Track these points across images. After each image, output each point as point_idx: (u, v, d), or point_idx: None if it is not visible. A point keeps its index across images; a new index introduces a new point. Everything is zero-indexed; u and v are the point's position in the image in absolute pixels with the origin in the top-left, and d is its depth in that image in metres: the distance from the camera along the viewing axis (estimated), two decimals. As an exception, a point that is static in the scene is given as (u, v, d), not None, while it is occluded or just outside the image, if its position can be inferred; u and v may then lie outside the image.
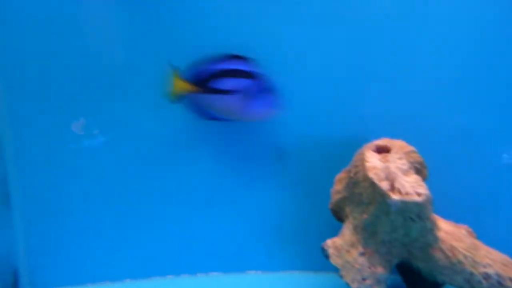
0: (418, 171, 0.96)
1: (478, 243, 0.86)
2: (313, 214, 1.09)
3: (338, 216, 0.97)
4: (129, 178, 1.11)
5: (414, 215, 0.78)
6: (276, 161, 1.12)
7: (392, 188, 0.77)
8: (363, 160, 0.83)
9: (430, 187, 0.90)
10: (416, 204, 0.75)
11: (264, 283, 1.11)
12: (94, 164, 1.09)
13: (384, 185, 0.77)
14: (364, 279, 0.83)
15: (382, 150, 0.85)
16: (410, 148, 0.96)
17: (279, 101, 0.97)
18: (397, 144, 0.95)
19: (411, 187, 0.76)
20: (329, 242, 0.92)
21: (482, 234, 0.93)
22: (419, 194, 0.75)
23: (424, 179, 0.98)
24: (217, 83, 0.96)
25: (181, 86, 0.97)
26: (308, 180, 1.11)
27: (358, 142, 0.95)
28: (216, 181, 1.14)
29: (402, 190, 0.76)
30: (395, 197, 0.76)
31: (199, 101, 0.99)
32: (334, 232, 0.93)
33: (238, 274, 1.15)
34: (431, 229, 0.81)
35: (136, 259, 1.17)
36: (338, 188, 0.96)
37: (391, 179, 0.77)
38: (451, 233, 0.84)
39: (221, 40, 1.01)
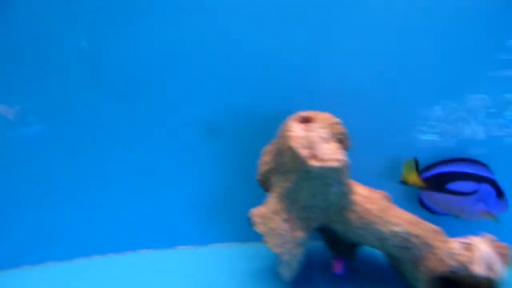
0: (341, 142, 1.01)
1: (390, 205, 0.94)
2: (242, 186, 1.11)
3: (266, 187, 1.00)
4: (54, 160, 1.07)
5: (332, 180, 0.83)
6: (205, 135, 1.11)
7: (312, 155, 0.81)
8: (286, 130, 0.86)
9: (355, 156, 0.98)
10: (334, 169, 0.80)
11: (194, 257, 1.11)
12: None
13: (305, 153, 0.81)
14: (285, 243, 0.87)
15: (306, 121, 0.89)
16: (335, 120, 1.01)
17: (507, 205, 1.07)
18: (322, 116, 0.99)
19: (330, 154, 0.81)
20: (254, 211, 0.95)
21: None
22: (337, 160, 0.80)
23: (347, 149, 1.05)
24: (453, 184, 1.09)
25: (414, 179, 1.10)
26: (237, 153, 1.12)
27: (286, 115, 0.98)
28: (144, 159, 1.11)
29: (322, 157, 0.80)
30: (314, 163, 0.80)
31: (428, 196, 1.11)
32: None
33: (168, 250, 1.15)
34: (347, 193, 0.87)
35: (59, 240, 1.11)
36: (265, 159, 0.99)
37: (311, 147, 0.81)
38: (365, 197, 0.91)
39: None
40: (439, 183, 1.10)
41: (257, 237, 0.92)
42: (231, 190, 1.14)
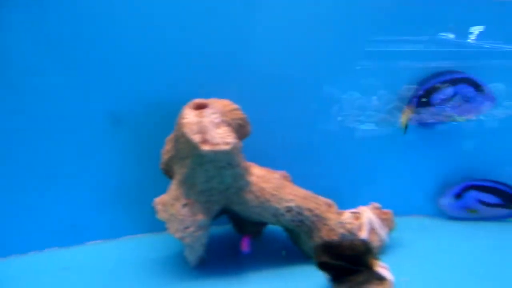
0: (241, 127, 1.07)
1: (286, 183, 1.01)
2: (149, 176, 1.11)
3: (170, 175, 1.02)
4: None
5: (225, 163, 0.87)
6: (109, 126, 1.10)
7: (204, 140, 0.84)
8: (181, 117, 0.89)
9: (257, 142, 1.05)
10: (225, 152, 0.84)
11: (103, 251, 1.10)
12: None
13: (196, 138, 0.84)
14: (186, 228, 0.91)
15: (201, 108, 0.92)
16: (234, 106, 1.05)
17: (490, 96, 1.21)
18: (221, 103, 1.03)
19: (221, 138, 0.85)
20: (157, 199, 0.96)
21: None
22: (226, 144, 0.85)
23: (247, 134, 1.10)
24: (435, 96, 1.22)
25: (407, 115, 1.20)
26: (142, 143, 1.12)
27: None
28: (46, 152, 1.07)
29: (212, 141, 0.84)
30: (205, 147, 0.83)
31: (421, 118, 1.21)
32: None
33: (76, 246, 1.12)
34: (243, 174, 0.92)
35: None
36: (167, 148, 1.01)
37: (203, 132, 0.85)
38: (261, 177, 0.97)
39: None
40: (425, 102, 1.21)
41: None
42: (139, 181, 1.14)
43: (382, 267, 0.86)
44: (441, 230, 1.21)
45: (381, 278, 0.84)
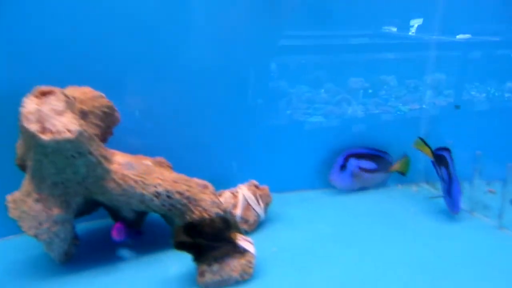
0: (108, 115, 1.02)
1: (154, 169, 0.99)
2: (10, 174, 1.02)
3: (25, 169, 0.94)
4: None
5: (73, 152, 0.82)
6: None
7: (43, 129, 0.78)
8: (20, 106, 0.82)
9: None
10: (69, 140, 0.79)
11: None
12: None
13: (34, 127, 0.78)
14: (40, 224, 0.85)
15: (46, 95, 0.85)
16: (96, 93, 1.00)
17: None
18: (79, 90, 0.97)
19: (63, 125, 0.80)
20: (9, 197, 0.89)
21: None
22: (69, 131, 0.80)
23: (116, 121, 1.06)
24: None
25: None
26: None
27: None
28: None
29: (53, 130, 0.79)
30: (44, 136, 0.78)
31: None
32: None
33: None
34: (99, 162, 0.87)
35: None
36: (20, 141, 0.93)
37: (42, 121, 0.79)
38: (125, 164, 0.94)
39: None
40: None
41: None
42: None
43: (244, 241, 0.88)
44: (319, 202, 1.27)
45: (243, 251, 0.86)
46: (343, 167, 1.33)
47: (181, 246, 0.82)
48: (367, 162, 1.35)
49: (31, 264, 0.95)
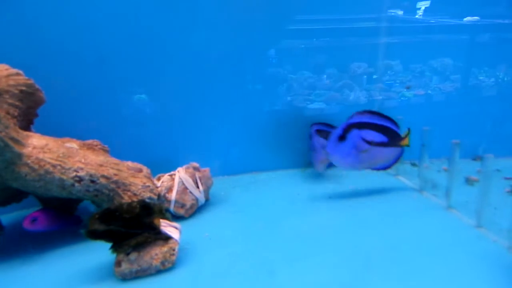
0: (29, 94, 0.94)
1: (77, 152, 0.91)
2: None
3: None
4: None
5: (-28, 135, 0.75)
6: None
7: None
8: None
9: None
10: (-38, 122, 0.72)
11: None
12: None
13: None
14: None
15: None
16: (12, 71, 0.91)
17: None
18: (-7, 67, 0.89)
19: (-45, 105, 0.72)
20: None
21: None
22: (-38, 112, 0.72)
23: (41, 101, 0.97)
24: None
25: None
26: None
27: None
28: None
29: None
30: None
31: None
32: None
33: None
34: (6, 145, 0.80)
35: None
36: None
37: None
38: (41, 147, 0.86)
39: None
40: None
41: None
42: None
43: (169, 226, 0.82)
44: (272, 185, 1.22)
45: (165, 238, 0.80)
46: (342, 138, 1.05)
47: (94, 234, 0.76)
48: (375, 133, 1.07)
49: None
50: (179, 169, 1.05)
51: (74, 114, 1.10)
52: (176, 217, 0.99)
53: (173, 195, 0.99)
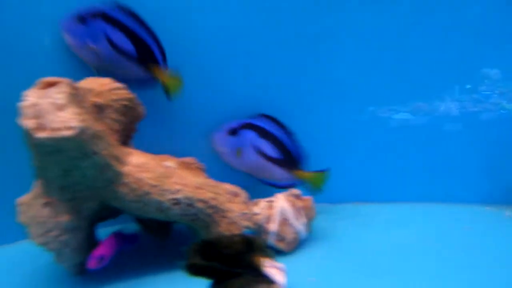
0: (130, 109, 0.91)
1: (175, 171, 0.85)
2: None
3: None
4: None
5: (76, 153, 0.71)
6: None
7: (40, 125, 0.68)
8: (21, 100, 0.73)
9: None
10: (68, 139, 0.68)
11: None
12: None
13: (30, 124, 0.68)
14: (48, 232, 0.76)
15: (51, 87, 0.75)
16: (115, 85, 0.89)
17: None
18: (97, 82, 0.87)
19: (62, 122, 0.69)
20: (19, 200, 0.81)
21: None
22: (69, 128, 0.68)
23: (140, 116, 0.94)
24: None
25: None
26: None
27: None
28: None
29: (51, 126, 0.68)
30: (40, 134, 0.67)
31: None
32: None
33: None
34: (108, 164, 0.76)
35: None
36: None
37: (39, 116, 0.69)
38: (139, 166, 0.81)
39: None
40: None
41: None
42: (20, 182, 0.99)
43: (272, 268, 0.70)
44: (372, 218, 1.04)
45: (269, 282, 0.68)
46: (233, 132, 0.99)
47: (194, 270, 0.67)
48: (270, 146, 0.98)
49: (42, 275, 0.88)
50: (279, 195, 0.93)
51: (169, 129, 1.05)
52: (275, 252, 0.87)
53: (273, 227, 0.87)
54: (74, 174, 0.75)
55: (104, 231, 1.01)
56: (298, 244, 0.90)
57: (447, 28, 1.09)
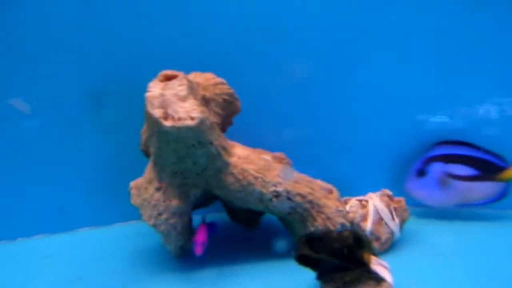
0: (229, 103, 0.95)
1: (275, 165, 0.88)
2: (136, 160, 1.04)
3: (148, 155, 0.93)
4: None
5: (193, 141, 0.76)
6: (90, 107, 1.04)
7: (166, 115, 0.74)
8: (146, 91, 0.79)
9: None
10: (190, 128, 0.73)
11: (90, 239, 1.05)
12: None
13: (157, 113, 0.74)
14: (160, 214, 0.81)
15: (170, 79, 0.81)
16: (218, 79, 0.93)
17: None
18: (203, 76, 0.92)
19: (185, 112, 0.74)
20: (132, 183, 0.88)
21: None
22: (192, 118, 0.73)
23: (237, 111, 0.98)
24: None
25: None
26: (126, 125, 1.04)
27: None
28: (31, 139, 1.04)
29: (175, 116, 0.73)
30: (166, 123, 0.73)
31: None
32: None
33: (65, 233, 1.08)
34: (218, 154, 0.80)
35: None
36: (145, 127, 0.92)
37: (165, 106, 0.74)
38: (244, 157, 0.85)
39: None
40: None
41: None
42: (126, 165, 1.06)
43: (380, 266, 0.71)
44: (465, 223, 1.01)
45: (378, 279, 0.69)
46: (421, 173, 0.99)
47: (303, 260, 0.69)
48: (462, 167, 0.97)
49: (148, 254, 0.94)
50: (372, 195, 0.93)
51: (264, 125, 1.08)
52: (368, 250, 0.87)
53: (368, 225, 0.88)
54: (187, 161, 0.80)
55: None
56: (391, 245, 0.90)
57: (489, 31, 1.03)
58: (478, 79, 1.06)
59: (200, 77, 0.91)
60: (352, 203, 0.94)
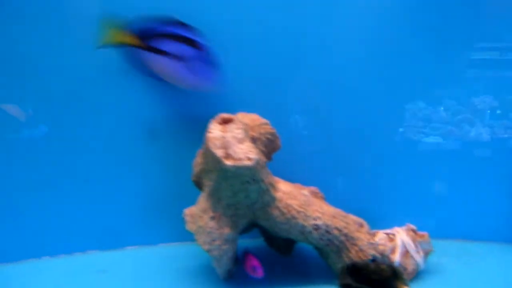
0: (271, 142, 1.07)
1: (313, 200, 0.99)
2: (184, 187, 1.14)
3: (200, 186, 1.04)
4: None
5: (248, 178, 0.87)
6: (145, 138, 1.16)
7: (227, 155, 0.85)
8: (207, 131, 0.91)
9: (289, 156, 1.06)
10: (247, 168, 0.85)
11: (139, 257, 1.15)
12: None
13: (220, 153, 0.85)
14: (213, 241, 0.92)
15: (226, 122, 0.93)
16: (262, 120, 1.05)
17: (219, 76, 1.00)
18: (249, 117, 1.04)
19: (243, 153, 0.85)
20: (186, 210, 0.99)
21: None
22: (249, 159, 0.85)
23: (277, 148, 1.10)
24: (161, 43, 0.93)
25: (121, 37, 0.92)
26: (176, 155, 1.17)
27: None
28: (88, 160, 1.16)
29: (235, 156, 0.85)
30: (228, 163, 0.84)
31: (139, 57, 0.97)
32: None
33: (116, 250, 1.19)
34: (267, 190, 0.91)
35: (8, 243, 1.14)
36: (198, 160, 1.03)
37: (226, 147, 0.86)
38: (288, 193, 0.96)
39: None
40: (144, 40, 0.95)
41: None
42: (175, 191, 1.18)
43: (411, 295, 0.80)
44: (484, 256, 1.10)
45: (410, 307, 0.78)
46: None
47: (344, 288, 0.79)
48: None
49: (195, 273, 1.04)
50: (398, 229, 1.03)
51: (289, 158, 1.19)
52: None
53: (397, 257, 0.97)
54: (240, 195, 0.91)
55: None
56: (415, 275, 0.99)
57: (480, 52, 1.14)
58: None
59: (246, 118, 1.03)
60: (381, 236, 1.04)
